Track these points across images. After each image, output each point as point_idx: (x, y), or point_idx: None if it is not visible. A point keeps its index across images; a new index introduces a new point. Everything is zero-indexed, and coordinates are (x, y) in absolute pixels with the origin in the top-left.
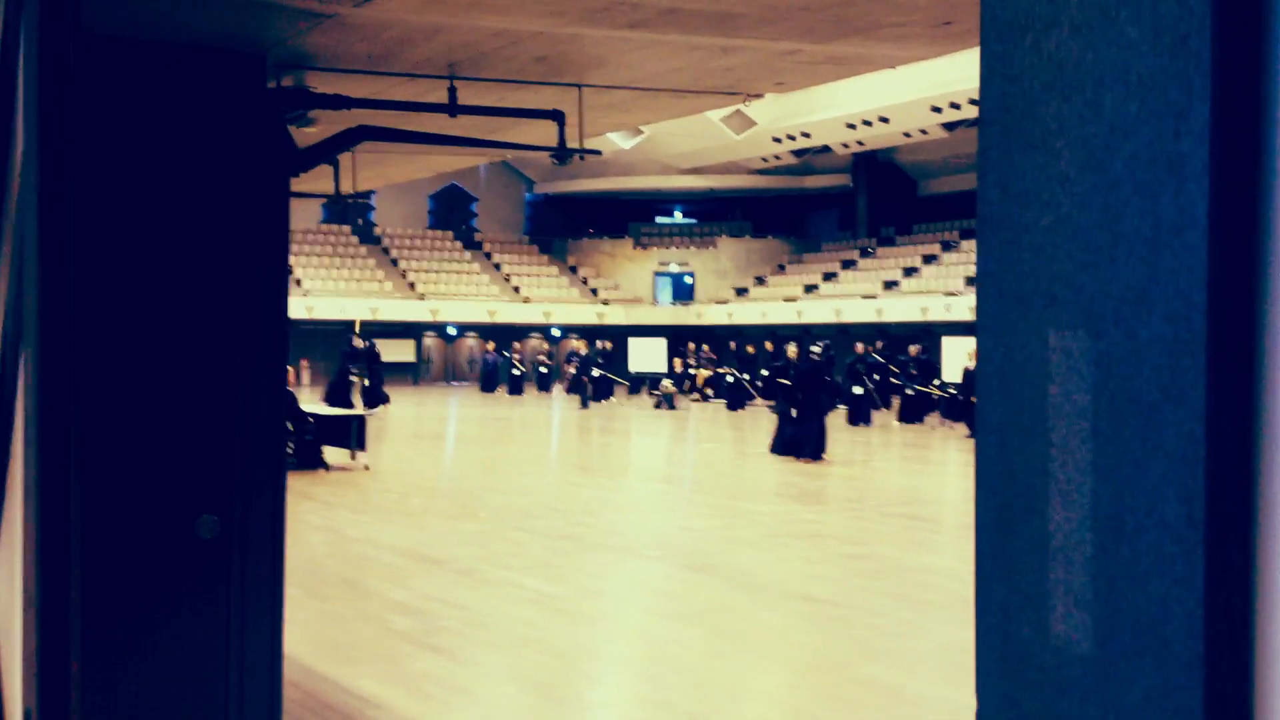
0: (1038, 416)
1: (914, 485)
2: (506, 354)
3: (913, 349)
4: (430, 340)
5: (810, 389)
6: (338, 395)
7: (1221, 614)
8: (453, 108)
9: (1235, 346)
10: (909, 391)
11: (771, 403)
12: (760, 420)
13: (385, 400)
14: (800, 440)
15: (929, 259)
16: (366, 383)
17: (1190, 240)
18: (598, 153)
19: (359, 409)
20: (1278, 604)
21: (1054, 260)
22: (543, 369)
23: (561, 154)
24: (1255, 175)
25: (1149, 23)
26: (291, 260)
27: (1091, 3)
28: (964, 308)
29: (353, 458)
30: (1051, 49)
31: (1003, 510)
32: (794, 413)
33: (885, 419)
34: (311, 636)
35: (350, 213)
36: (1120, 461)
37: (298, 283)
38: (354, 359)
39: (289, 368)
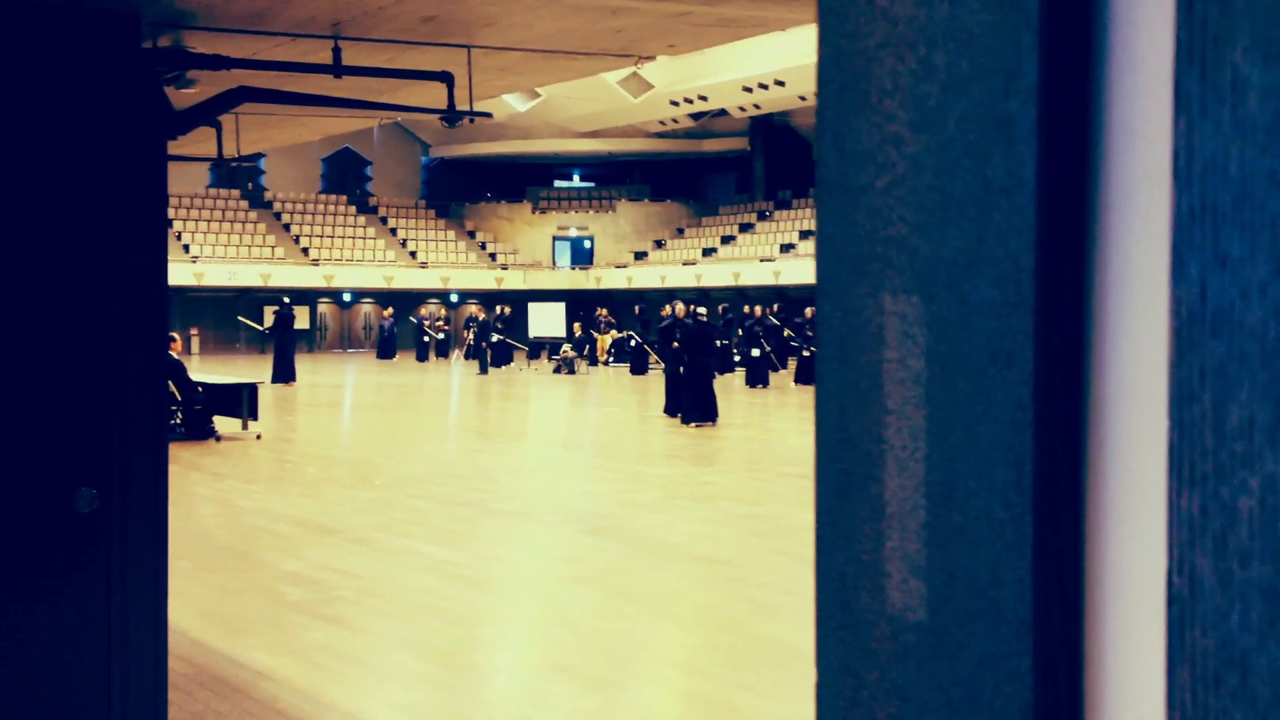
0: (874, 382)
1: (809, 445)
2: (415, 320)
3: (809, 311)
4: (325, 307)
5: (696, 351)
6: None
7: (1052, 579)
8: (337, 68)
9: (1064, 309)
10: (806, 353)
11: (664, 364)
12: (663, 384)
13: (291, 378)
14: (688, 405)
15: None
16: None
17: (1019, 201)
18: (488, 115)
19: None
20: (1106, 567)
21: (889, 223)
22: (440, 335)
23: (451, 116)
24: (1084, 135)
25: None
26: (179, 226)
27: None
28: None
29: (244, 427)
30: (886, 5)
31: (841, 477)
32: (681, 370)
33: (783, 380)
34: (201, 609)
35: (239, 176)
36: (952, 427)
37: (185, 249)
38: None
39: (175, 336)
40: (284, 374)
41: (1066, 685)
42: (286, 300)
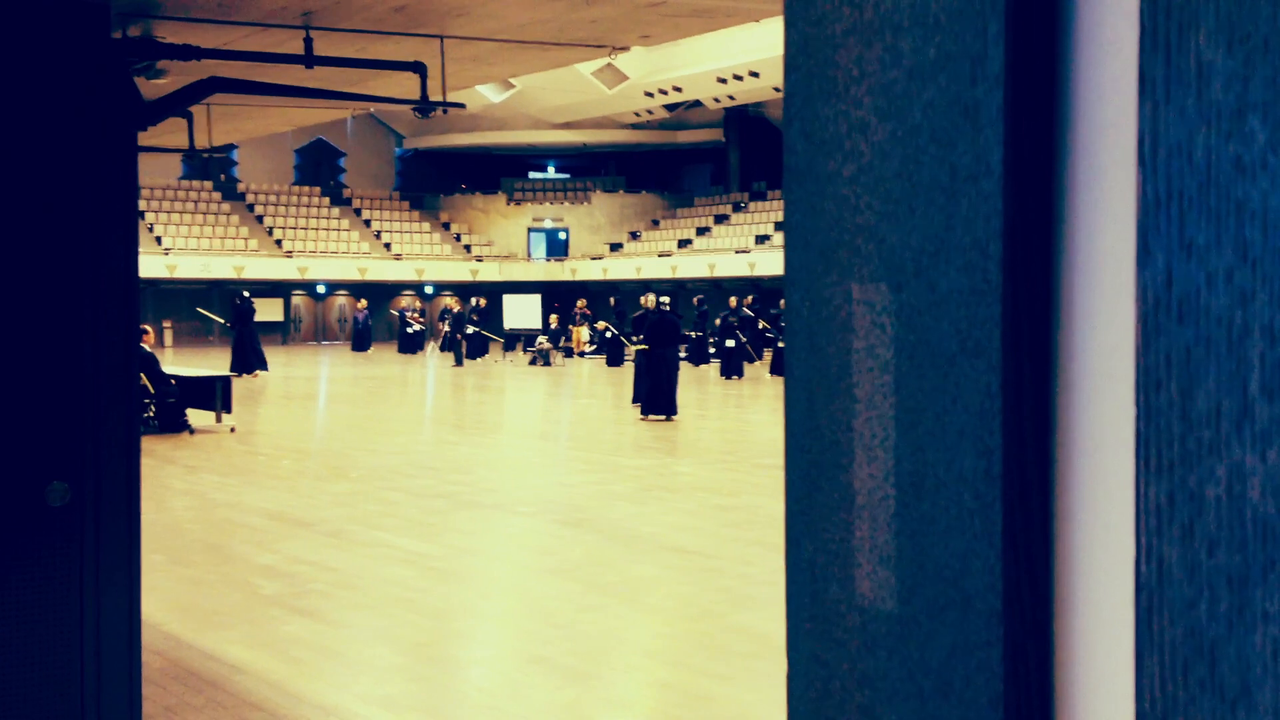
0: (843, 371)
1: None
2: (398, 311)
3: (784, 302)
4: (299, 299)
5: (658, 342)
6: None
7: (1021, 568)
8: (309, 58)
9: (1031, 297)
10: (781, 344)
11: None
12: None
13: (262, 366)
14: (646, 397)
15: None
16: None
17: (986, 188)
18: (462, 106)
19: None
20: (1076, 556)
21: (857, 211)
22: (420, 327)
23: (424, 107)
24: (1051, 121)
25: None
26: (151, 218)
27: None
28: None
29: (218, 420)
30: None
31: (811, 467)
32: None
33: (758, 371)
34: (175, 603)
35: (211, 168)
36: (921, 416)
37: (158, 241)
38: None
39: (148, 329)
40: (243, 364)
41: (1036, 675)
42: (246, 293)
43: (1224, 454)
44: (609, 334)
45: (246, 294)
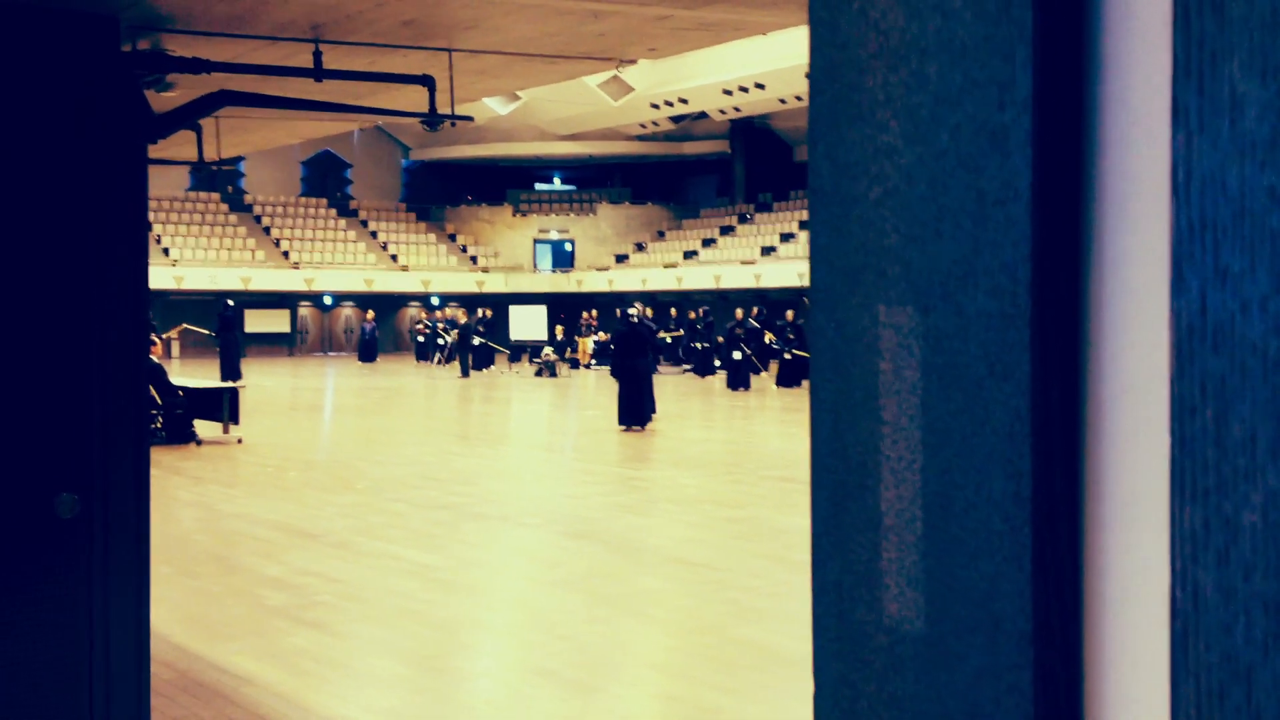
0: (869, 393)
1: (790, 448)
2: (429, 322)
3: (789, 314)
4: (306, 310)
5: (626, 353)
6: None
7: (1050, 590)
8: (318, 72)
9: (1060, 320)
10: (786, 356)
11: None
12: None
13: (237, 376)
14: (620, 407)
15: (805, 225)
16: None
17: (1014, 213)
18: (469, 118)
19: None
20: (1105, 580)
21: (883, 234)
22: (421, 338)
23: (432, 120)
24: (1079, 146)
25: None
26: (159, 229)
27: None
28: None
29: (225, 431)
30: (877, 16)
31: (837, 488)
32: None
33: (764, 383)
34: (182, 615)
35: (219, 180)
36: (949, 438)
37: (165, 252)
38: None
39: (156, 340)
40: (231, 374)
41: (1067, 699)
42: (230, 303)
43: (1259, 481)
44: (612, 345)
45: (230, 303)
